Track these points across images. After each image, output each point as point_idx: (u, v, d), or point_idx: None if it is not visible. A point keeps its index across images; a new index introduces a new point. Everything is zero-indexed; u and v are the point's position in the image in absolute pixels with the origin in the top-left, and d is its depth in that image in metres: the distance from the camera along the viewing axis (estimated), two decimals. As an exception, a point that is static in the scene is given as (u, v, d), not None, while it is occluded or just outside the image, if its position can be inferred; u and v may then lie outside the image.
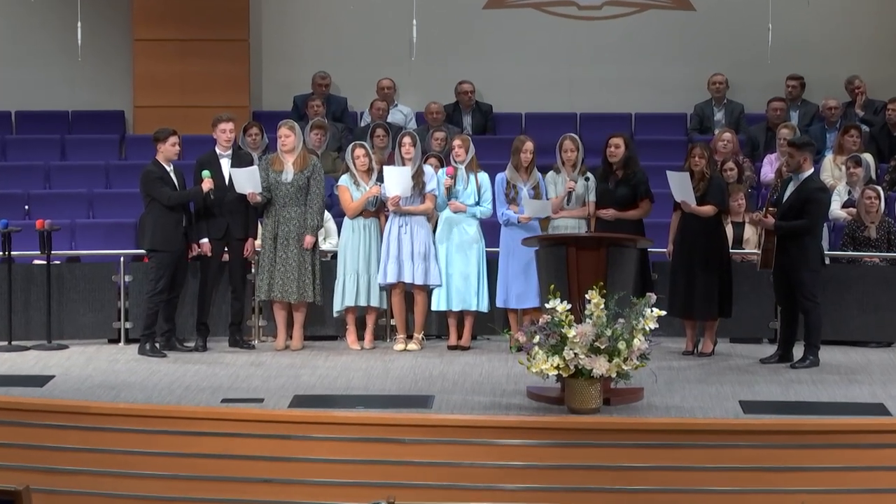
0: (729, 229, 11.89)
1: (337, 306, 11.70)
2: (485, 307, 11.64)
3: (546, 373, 8.96)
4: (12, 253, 11.73)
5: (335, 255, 11.99)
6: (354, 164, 11.71)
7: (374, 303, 11.65)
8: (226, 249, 11.67)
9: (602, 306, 8.92)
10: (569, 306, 8.97)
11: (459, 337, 11.68)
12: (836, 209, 12.83)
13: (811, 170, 10.94)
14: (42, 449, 9.08)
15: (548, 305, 9.05)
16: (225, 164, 11.61)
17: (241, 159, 11.72)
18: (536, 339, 8.99)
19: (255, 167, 11.60)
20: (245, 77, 15.49)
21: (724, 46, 15.47)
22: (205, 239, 11.55)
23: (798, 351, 10.92)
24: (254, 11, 15.63)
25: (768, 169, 13.65)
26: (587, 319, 8.93)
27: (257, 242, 11.73)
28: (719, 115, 15.14)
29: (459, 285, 11.58)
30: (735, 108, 15.15)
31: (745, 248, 12.18)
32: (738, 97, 15.29)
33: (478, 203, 11.66)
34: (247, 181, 11.45)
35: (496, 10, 15.74)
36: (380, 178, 11.64)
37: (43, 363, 11.00)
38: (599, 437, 8.76)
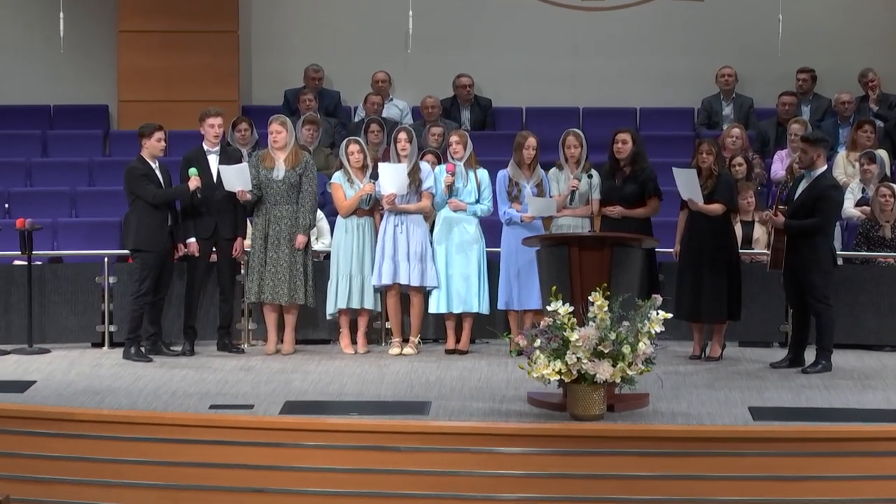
0: (738, 228, 11.91)
1: (330, 309, 11.71)
2: (485, 309, 11.65)
3: (547, 378, 8.96)
4: (-8, 253, 11.77)
5: (328, 256, 12.00)
6: (349, 160, 11.72)
7: (369, 305, 11.67)
8: (214, 249, 11.68)
9: (606, 309, 8.93)
10: (571, 309, 8.97)
11: (457, 340, 11.69)
12: (850, 207, 12.84)
13: (824, 166, 10.95)
14: (23, 457, 9.08)
15: (549, 308, 9.05)
16: (213, 160, 11.62)
17: (229, 156, 11.73)
18: (537, 342, 8.99)
19: (244, 164, 11.61)
20: (234, 70, 15.49)
21: (732, 38, 15.48)
22: (192, 238, 11.55)
23: (810, 355, 10.93)
24: (243, 2, 15.63)
25: (779, 166, 13.67)
26: (590, 322, 8.94)
27: (246, 242, 11.74)
28: (728, 110, 15.16)
29: (459, 286, 11.59)
30: (744, 102, 15.17)
31: (755, 248, 12.20)
32: (747, 91, 15.31)
33: (478, 201, 11.67)
34: (236, 179, 11.45)
35: (496, 0, 15.74)
36: (374, 176, 11.64)
37: (24, 368, 11.00)
38: (603, 445, 8.76)
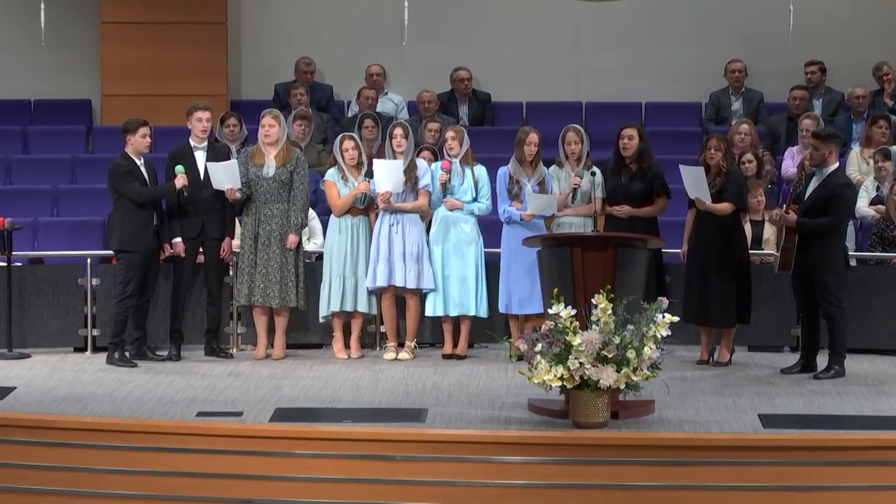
0: (747, 228, 11.92)
1: (322, 311, 11.71)
2: (483, 312, 11.65)
3: (549, 384, 8.96)
4: (-31, 254, 11.76)
5: (320, 257, 12.00)
6: (343, 157, 11.72)
7: (363, 308, 11.67)
8: (201, 250, 11.68)
9: (610, 312, 8.93)
10: (574, 312, 8.97)
11: (455, 345, 11.69)
12: (863, 206, 12.84)
13: (836, 164, 10.95)
14: (1, 467, 9.07)
15: (551, 311, 9.05)
16: (200, 157, 11.61)
17: (216, 152, 11.72)
18: (538, 347, 8.99)
19: (234, 161, 11.60)
20: (222, 63, 15.50)
21: (741, 30, 15.49)
22: (178, 238, 11.55)
23: (822, 360, 10.93)
24: (232, -8, 15.67)
25: (789, 163, 13.68)
26: (594, 326, 8.94)
27: (235, 242, 11.74)
28: (737, 105, 15.17)
29: (456, 289, 11.59)
30: (754, 96, 15.17)
31: (765, 249, 12.20)
32: (756, 85, 15.32)
33: (475, 199, 11.68)
34: (225, 176, 11.45)
35: (495, -9, 15.78)
36: (369, 173, 11.64)
37: (3, 374, 10.98)
38: (607, 454, 8.77)
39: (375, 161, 11.65)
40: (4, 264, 11.77)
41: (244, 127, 13.56)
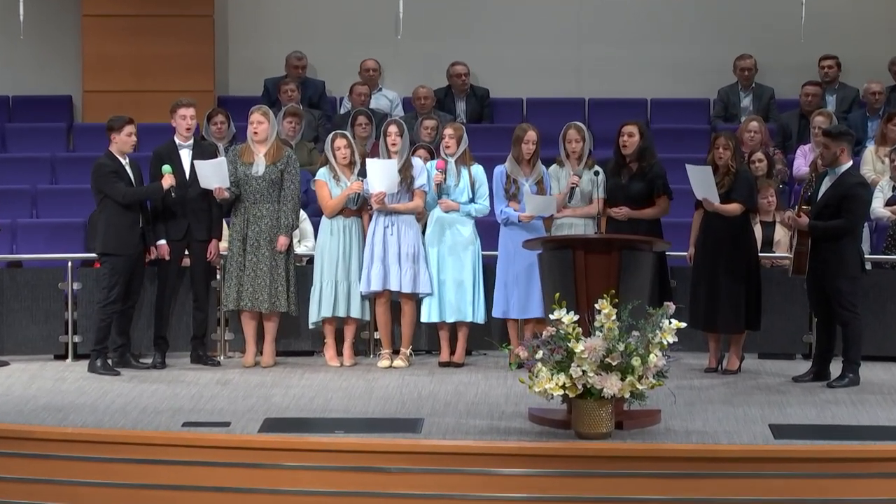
0: (757, 230, 11.93)
1: (313, 317, 11.71)
2: (481, 318, 11.65)
3: (550, 393, 8.96)
4: (-55, 257, 11.77)
5: (311, 260, 12.00)
6: (335, 156, 11.72)
7: (356, 313, 11.67)
8: (186, 253, 11.66)
9: (613, 317, 8.93)
10: (576, 317, 8.98)
11: (452, 352, 11.70)
12: (878, 207, 12.84)
13: (849, 163, 10.95)
14: (-21, 479, 9.10)
15: (552, 316, 9.05)
16: (185, 155, 11.59)
17: (203, 150, 11.71)
18: (539, 354, 8.99)
19: (223, 159, 11.59)
20: (209, 57, 15.51)
21: (751, 24, 15.51)
22: (162, 241, 11.53)
23: (836, 368, 10.94)
24: (219, -17, 15.68)
25: (801, 162, 13.68)
26: (597, 332, 8.94)
27: (223, 245, 11.73)
28: (746, 101, 15.19)
29: (452, 293, 11.59)
30: (764, 92, 15.19)
31: (776, 252, 12.21)
32: (767, 81, 15.33)
33: (472, 200, 11.67)
34: (213, 175, 11.44)
35: (494, -17, 15.80)
36: (362, 173, 11.64)
37: (-20, 382, 11.01)
38: (610, 466, 8.77)
39: (369, 160, 11.64)
40: (-19, 268, 11.79)
41: (232, 124, 13.56)
